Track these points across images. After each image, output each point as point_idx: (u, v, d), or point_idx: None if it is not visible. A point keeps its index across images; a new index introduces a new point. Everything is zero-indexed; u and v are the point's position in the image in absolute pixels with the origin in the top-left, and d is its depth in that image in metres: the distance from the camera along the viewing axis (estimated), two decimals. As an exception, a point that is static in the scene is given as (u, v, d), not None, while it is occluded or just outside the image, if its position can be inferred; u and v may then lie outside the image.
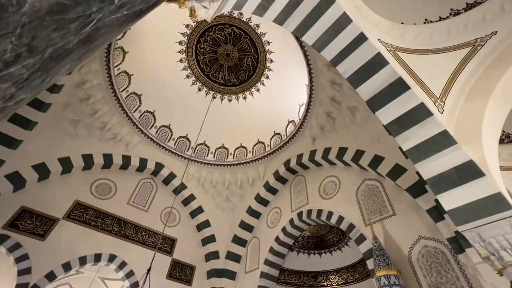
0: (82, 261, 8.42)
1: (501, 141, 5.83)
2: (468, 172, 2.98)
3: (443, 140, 3.23)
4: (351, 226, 7.58)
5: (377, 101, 3.62)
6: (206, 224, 11.52)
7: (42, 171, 8.52)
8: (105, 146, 10.28)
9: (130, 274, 9.00)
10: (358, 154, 8.03)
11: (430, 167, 3.28)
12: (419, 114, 3.34)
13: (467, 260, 4.87)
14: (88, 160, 9.70)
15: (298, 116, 10.98)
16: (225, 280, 10.37)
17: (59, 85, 7.91)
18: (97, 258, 8.73)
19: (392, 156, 7.03)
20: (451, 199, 3.05)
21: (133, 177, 11.13)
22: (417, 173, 6.08)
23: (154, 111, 11.97)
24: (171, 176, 11.65)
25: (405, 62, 3.74)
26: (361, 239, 7.17)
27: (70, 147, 9.34)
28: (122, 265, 9.06)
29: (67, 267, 8.07)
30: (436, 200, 5.48)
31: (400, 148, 6.53)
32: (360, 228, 7.34)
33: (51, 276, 7.70)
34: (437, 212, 5.63)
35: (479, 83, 3.93)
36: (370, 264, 6.56)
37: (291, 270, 10.22)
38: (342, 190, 8.61)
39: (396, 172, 6.78)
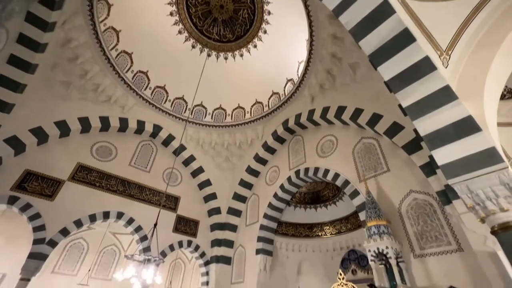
0: (92, 218, 8.95)
1: (502, 97, 5.76)
2: (465, 127, 3.00)
3: (444, 96, 3.18)
4: (346, 182, 7.93)
5: (380, 55, 3.44)
6: (207, 183, 11.98)
7: (40, 135, 8.50)
8: (101, 108, 10.10)
9: (138, 229, 9.67)
10: (357, 112, 7.98)
11: (428, 124, 3.29)
12: (422, 68, 3.21)
13: (452, 210, 5.21)
14: (85, 123, 9.62)
15: (297, 74, 10.61)
16: (227, 232, 11.21)
17: (43, 43, 7.40)
18: (106, 215, 9.27)
19: (390, 114, 7.01)
20: (445, 154, 3.12)
21: (132, 139, 11.19)
22: (414, 130, 6.14)
23: (147, 71, 11.48)
24: (170, 137, 11.71)
25: (413, 11, 3.46)
26: (355, 194, 7.56)
27: (64, 110, 9.18)
28: (130, 221, 9.66)
29: (78, 223, 8.61)
30: (430, 156, 5.65)
31: (399, 105, 6.48)
32: (354, 184, 7.68)
33: (64, 232, 8.27)
34: (429, 168, 5.84)
35: (488, 35, 3.71)
36: (362, 216, 7.03)
37: (289, 222, 11.00)
38: (339, 149, 8.78)
39: (393, 130, 6.83)
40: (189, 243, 10.78)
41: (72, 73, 9.09)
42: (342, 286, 4.93)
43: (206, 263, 10.80)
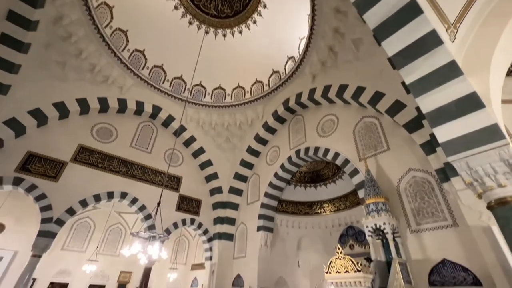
0: (97, 198, 9.16)
1: (508, 73, 5.62)
2: (469, 104, 2.95)
3: (449, 72, 3.09)
4: (346, 161, 7.99)
5: (385, 29, 3.30)
6: (208, 163, 12.10)
7: (39, 116, 8.45)
8: (98, 89, 9.94)
9: (142, 208, 9.93)
10: (359, 91, 7.85)
11: (431, 101, 3.23)
12: (428, 42, 3.09)
13: (450, 188, 5.29)
14: (83, 105, 9.52)
15: (298, 52, 10.30)
16: (229, 211, 11.52)
17: (34, 20, 7.10)
18: (110, 195, 9.47)
19: (393, 92, 6.89)
20: (446, 132, 3.10)
21: (132, 121, 11.14)
22: (416, 108, 6.07)
23: (144, 49, 11.15)
24: (170, 118, 11.64)
25: (422, -21, 3.27)
26: (354, 172, 7.65)
27: (62, 91, 9.04)
28: (134, 200, 9.90)
29: (84, 203, 8.83)
30: (431, 135, 5.63)
31: (402, 83, 6.36)
32: (354, 163, 7.75)
33: (71, 211, 8.51)
34: (429, 146, 5.85)
35: (499, 6, 3.53)
36: (361, 193, 7.17)
37: (289, 200, 11.26)
38: (340, 128, 8.75)
39: (395, 108, 6.75)
40: (192, 221, 11.12)
41: (67, 53, 8.84)
42: (340, 259, 5.14)
43: (209, 240, 11.21)
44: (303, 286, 10.00)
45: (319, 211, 10.98)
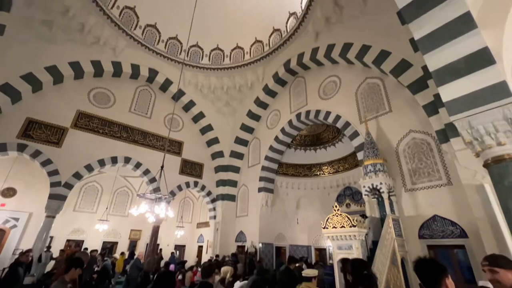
0: (101, 163, 9.38)
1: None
2: (479, 60, 2.81)
3: (462, 24, 2.88)
4: (347, 124, 7.97)
5: (397, -24, 3.00)
6: (209, 128, 12.11)
7: (33, 81, 8.20)
8: (90, 52, 9.48)
9: (146, 172, 10.22)
10: (364, 49, 7.47)
11: (440, 57, 3.07)
12: (443, -10, 2.83)
13: (448, 148, 5.36)
14: (77, 68, 9.18)
15: (301, 7, 9.56)
16: (230, 174, 11.87)
17: (11, -27, 6.47)
18: (114, 160, 9.68)
19: (399, 51, 6.56)
20: (452, 90, 3.01)
21: (128, 85, 10.85)
22: (423, 68, 5.84)
23: (134, 6, 10.35)
24: (167, 82, 11.32)
25: None
26: (355, 135, 7.68)
27: (53, 54, 8.63)
28: (138, 165, 10.15)
29: (89, 168, 9.07)
30: (435, 95, 5.51)
31: (410, 40, 6.01)
32: (355, 125, 7.74)
33: (77, 176, 8.79)
34: (432, 107, 5.77)
35: None
36: (360, 156, 7.30)
37: (289, 163, 11.52)
38: (342, 90, 8.55)
39: (401, 68, 6.50)
40: (196, 184, 11.54)
41: (52, 11, 8.23)
42: (337, 216, 5.44)
43: (213, 201, 11.77)
44: (301, 241, 10.79)
45: (318, 173, 11.30)
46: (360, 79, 8.03)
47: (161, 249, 12.38)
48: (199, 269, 7.24)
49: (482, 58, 2.84)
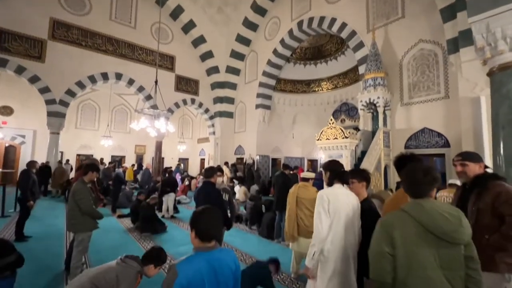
0: (92, 79, 9.01)
1: None
2: None
3: None
4: (353, 33, 7.31)
5: None
6: (201, 39, 11.05)
7: (-13, -21, 6.90)
8: None
9: (141, 88, 9.97)
10: None
11: None
12: None
13: (455, 60, 5.12)
14: (34, -39, 7.57)
15: None
16: (227, 90, 11.65)
17: None
18: (105, 76, 9.26)
19: None
20: (478, -14, 2.61)
21: (102, -15, 9.22)
22: (452, -42, 4.89)
23: None
24: (148, -19, 9.59)
25: None
26: (359, 46, 7.16)
27: None
28: (131, 81, 9.79)
29: (80, 85, 8.79)
30: (457, -4, 4.84)
31: None
32: (361, 35, 7.12)
33: (71, 93, 8.60)
34: (450, 11, 5.18)
35: None
36: (362, 69, 7.01)
37: (287, 79, 11.14)
38: (352, -10, 7.40)
39: (426, -42, 5.44)
40: (193, 101, 11.49)
41: None
42: (331, 128, 5.70)
43: (211, 117, 12.00)
44: (295, 153, 11.68)
45: (316, 89, 11.13)
46: (375, -25, 6.83)
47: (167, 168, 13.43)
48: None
49: None
